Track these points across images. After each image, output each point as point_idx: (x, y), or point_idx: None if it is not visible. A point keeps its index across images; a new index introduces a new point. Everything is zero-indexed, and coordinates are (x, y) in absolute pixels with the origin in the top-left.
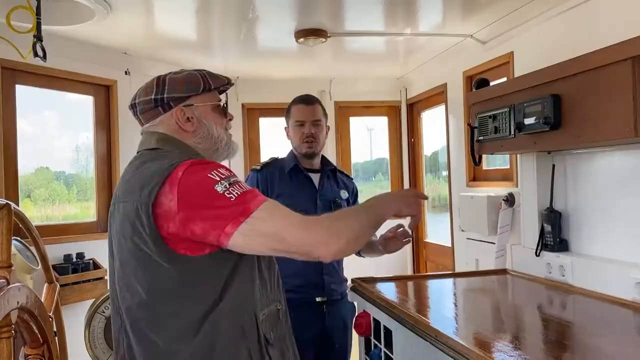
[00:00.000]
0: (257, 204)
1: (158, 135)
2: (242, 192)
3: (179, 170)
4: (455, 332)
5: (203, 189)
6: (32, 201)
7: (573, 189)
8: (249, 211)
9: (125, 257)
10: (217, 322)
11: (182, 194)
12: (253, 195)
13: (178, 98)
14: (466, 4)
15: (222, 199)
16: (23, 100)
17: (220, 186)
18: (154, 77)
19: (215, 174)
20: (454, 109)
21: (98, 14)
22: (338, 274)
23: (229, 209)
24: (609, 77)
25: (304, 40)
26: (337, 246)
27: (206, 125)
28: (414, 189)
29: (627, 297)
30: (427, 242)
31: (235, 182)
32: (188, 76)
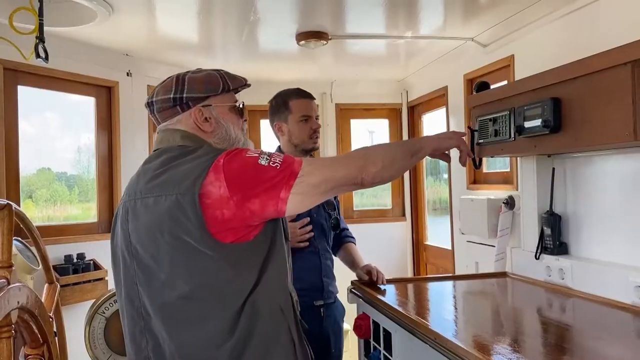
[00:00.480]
0: (299, 164)
1: (182, 132)
2: (282, 159)
3: (220, 158)
4: (454, 334)
5: (249, 168)
6: (33, 202)
7: (573, 192)
8: (295, 173)
9: (161, 252)
10: (258, 304)
11: (230, 179)
12: (291, 158)
13: (197, 98)
14: (467, 8)
15: (269, 170)
16: (25, 101)
17: (263, 160)
18: (172, 76)
19: (252, 153)
20: (455, 111)
21: (100, 16)
22: (333, 275)
23: (278, 176)
24: (609, 81)
25: (305, 43)
26: (374, 169)
27: (224, 126)
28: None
29: (627, 301)
30: (427, 245)
31: (272, 153)
32: (207, 76)
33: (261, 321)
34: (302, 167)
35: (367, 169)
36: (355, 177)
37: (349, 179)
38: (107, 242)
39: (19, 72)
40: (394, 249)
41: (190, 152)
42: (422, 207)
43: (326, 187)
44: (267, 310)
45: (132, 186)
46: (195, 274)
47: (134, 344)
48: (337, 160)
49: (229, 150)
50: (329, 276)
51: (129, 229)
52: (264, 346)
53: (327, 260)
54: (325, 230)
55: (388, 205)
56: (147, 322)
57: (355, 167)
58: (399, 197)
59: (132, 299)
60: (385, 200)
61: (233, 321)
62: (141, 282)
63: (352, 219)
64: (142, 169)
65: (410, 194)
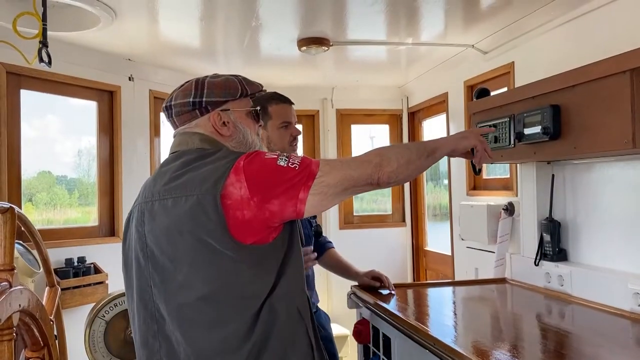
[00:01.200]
0: (316, 164)
1: (200, 136)
2: (300, 160)
3: (240, 160)
4: (454, 340)
5: (268, 169)
6: (33, 205)
7: (572, 199)
8: (313, 174)
9: (180, 253)
10: (276, 307)
11: (250, 179)
12: (309, 159)
13: (216, 102)
14: (467, 15)
15: (288, 171)
16: (27, 104)
17: (282, 161)
18: (191, 80)
19: (270, 155)
20: (455, 118)
21: (103, 21)
22: (313, 285)
23: (297, 177)
24: (608, 89)
25: (306, 49)
26: (390, 168)
27: (241, 130)
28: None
29: (626, 308)
30: (427, 250)
31: (289, 155)
32: (226, 81)
33: (279, 324)
34: (320, 167)
35: (383, 168)
36: (371, 176)
37: (365, 179)
38: (108, 245)
39: (22, 76)
40: (393, 254)
41: (210, 155)
42: (422, 212)
43: (343, 187)
44: (284, 312)
45: (148, 188)
46: (215, 275)
47: (146, 348)
48: (353, 160)
49: (248, 152)
50: (310, 287)
51: (145, 231)
52: (282, 349)
53: (307, 271)
54: (309, 239)
55: (388, 211)
56: (161, 326)
57: (371, 166)
58: (399, 203)
59: (145, 302)
60: (386, 206)
61: (251, 324)
62: (156, 284)
63: (352, 224)
64: (159, 172)
65: (410, 200)
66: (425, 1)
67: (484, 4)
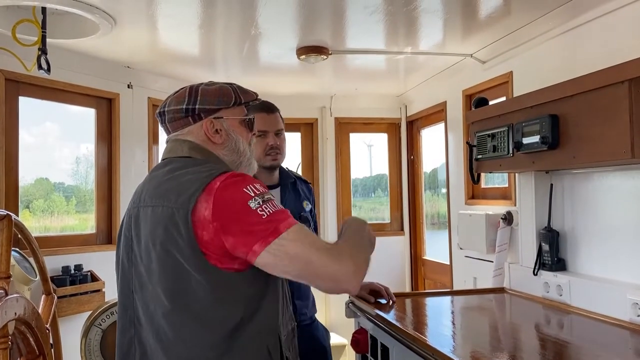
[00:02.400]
0: (287, 226)
1: (190, 144)
2: (274, 211)
3: (217, 180)
4: (452, 350)
5: (237, 203)
6: (30, 212)
7: (571, 209)
8: (278, 231)
9: (153, 264)
10: (244, 343)
11: (216, 205)
12: (284, 215)
13: (209, 110)
14: (466, 24)
15: (254, 215)
16: (25, 110)
17: (254, 202)
18: (185, 87)
19: (250, 189)
20: (453, 127)
21: (102, 28)
22: (309, 297)
23: (259, 226)
24: (606, 99)
25: (305, 57)
26: (360, 278)
27: (234, 139)
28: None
29: (625, 318)
30: (425, 260)
31: (269, 200)
32: (220, 89)
33: (246, 358)
34: (289, 230)
35: (357, 277)
36: (338, 282)
37: (330, 276)
38: (105, 253)
39: (20, 83)
40: (392, 263)
41: (194, 165)
42: (421, 221)
43: (301, 269)
44: (254, 349)
45: (137, 194)
46: (177, 292)
47: (122, 351)
48: (329, 249)
49: (231, 173)
50: (301, 298)
51: (132, 236)
52: None
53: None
54: None
55: (386, 220)
56: (138, 331)
57: (347, 270)
58: (397, 212)
59: (126, 307)
60: (384, 215)
61: (217, 351)
62: (136, 290)
63: None
64: (148, 177)
65: (408, 208)
66: (424, 10)
67: (483, 14)
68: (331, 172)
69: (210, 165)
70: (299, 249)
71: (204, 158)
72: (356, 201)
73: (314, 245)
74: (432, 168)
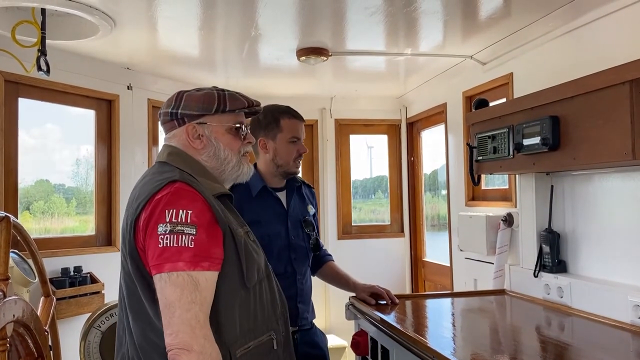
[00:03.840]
0: (172, 268)
1: (170, 149)
2: (172, 247)
3: (165, 190)
4: (452, 352)
5: (156, 218)
6: (31, 214)
7: (571, 210)
8: (160, 268)
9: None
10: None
11: (150, 213)
12: (178, 256)
13: (191, 115)
14: (466, 26)
15: (155, 238)
16: (26, 112)
17: (162, 227)
18: (178, 91)
19: (172, 213)
20: (454, 128)
21: (102, 30)
22: (309, 301)
23: (155, 251)
24: (607, 100)
25: (305, 59)
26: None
27: (214, 145)
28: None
29: (626, 320)
30: (425, 261)
31: (180, 233)
32: (204, 95)
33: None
34: (171, 274)
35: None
36: (178, 345)
37: (174, 337)
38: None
39: (20, 85)
40: (392, 265)
41: (160, 172)
42: (421, 223)
43: (162, 308)
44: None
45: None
46: (133, 300)
47: (119, 340)
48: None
49: (182, 187)
50: (304, 302)
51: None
52: None
53: (303, 285)
54: (306, 253)
55: (387, 221)
56: (128, 321)
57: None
58: (397, 213)
59: (121, 298)
60: (384, 216)
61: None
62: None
63: (351, 235)
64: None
65: (409, 210)
66: (424, 12)
67: (483, 15)
68: (331, 174)
69: (168, 175)
70: (169, 295)
71: (180, 164)
72: (356, 203)
73: (189, 304)
74: (433, 170)
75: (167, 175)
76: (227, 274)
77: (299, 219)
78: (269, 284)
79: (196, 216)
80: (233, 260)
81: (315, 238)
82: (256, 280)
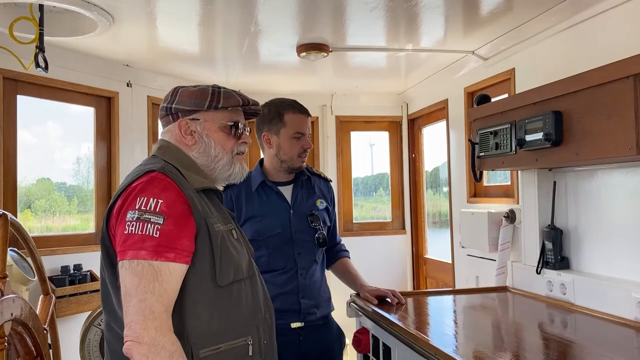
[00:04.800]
0: (134, 255)
1: (161, 142)
2: (136, 234)
3: (141, 178)
4: (454, 350)
5: (127, 205)
6: (32, 212)
7: (574, 207)
8: (123, 254)
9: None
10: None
11: (123, 200)
12: (141, 244)
13: (184, 110)
14: (468, 21)
15: (122, 224)
16: (27, 110)
17: (131, 214)
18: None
19: (142, 200)
20: (455, 124)
21: (101, 26)
22: (320, 296)
23: (120, 237)
24: (610, 95)
25: (305, 55)
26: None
27: (205, 142)
28: None
29: (629, 317)
30: (427, 258)
31: (145, 221)
32: (198, 91)
33: None
34: (132, 261)
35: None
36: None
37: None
38: None
39: (18, 82)
40: (393, 262)
41: (144, 164)
42: (422, 220)
43: (123, 296)
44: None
45: None
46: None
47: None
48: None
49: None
50: (309, 297)
51: None
52: None
53: (307, 280)
54: (312, 248)
55: (388, 218)
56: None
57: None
58: (398, 210)
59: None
60: (385, 213)
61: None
62: None
63: (352, 232)
64: None
65: (410, 207)
66: (425, 7)
67: (485, 10)
68: (332, 171)
69: (150, 166)
70: (128, 283)
71: (168, 157)
72: (357, 200)
73: (145, 294)
74: (434, 166)
75: (150, 166)
76: (199, 269)
77: (304, 213)
78: (251, 285)
79: (166, 206)
80: (206, 255)
81: (323, 233)
82: (232, 279)
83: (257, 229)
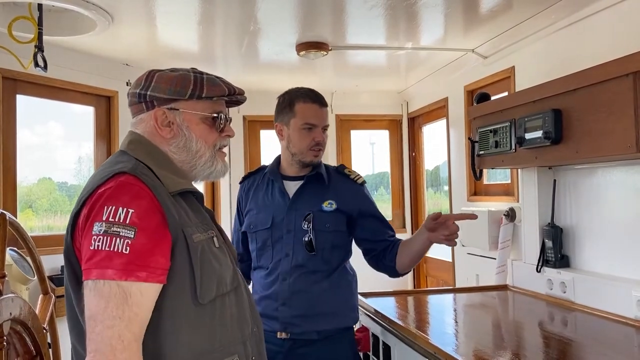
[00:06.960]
0: (99, 275)
1: (133, 135)
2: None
3: (109, 182)
4: (455, 348)
5: (94, 215)
6: (33, 211)
7: (574, 205)
8: (88, 274)
9: None
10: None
11: (89, 208)
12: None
13: (161, 99)
14: (467, 19)
15: (88, 239)
16: (29, 110)
17: (97, 227)
18: (149, 70)
19: (110, 210)
20: (455, 123)
21: (100, 25)
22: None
23: (86, 253)
24: (610, 93)
25: (305, 53)
26: None
27: (185, 136)
28: None
29: (629, 315)
30: (427, 257)
31: (114, 235)
32: (179, 77)
33: None
34: (98, 282)
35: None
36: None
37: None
38: None
39: (17, 81)
40: None
41: (113, 164)
42: (423, 218)
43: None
44: None
45: None
46: (66, 301)
47: None
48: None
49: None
50: (291, 305)
51: None
52: None
53: (290, 287)
54: (302, 252)
55: (388, 217)
56: None
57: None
58: (399, 209)
59: None
60: (386, 212)
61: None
62: None
63: None
64: None
65: (410, 206)
66: (425, 5)
67: (484, 8)
68: None
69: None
70: (93, 307)
71: (140, 154)
72: None
73: (113, 319)
74: (435, 165)
75: (120, 166)
76: (176, 287)
77: (303, 213)
78: (236, 298)
79: (138, 217)
80: (185, 271)
81: (310, 237)
82: (215, 294)
83: (250, 222)
